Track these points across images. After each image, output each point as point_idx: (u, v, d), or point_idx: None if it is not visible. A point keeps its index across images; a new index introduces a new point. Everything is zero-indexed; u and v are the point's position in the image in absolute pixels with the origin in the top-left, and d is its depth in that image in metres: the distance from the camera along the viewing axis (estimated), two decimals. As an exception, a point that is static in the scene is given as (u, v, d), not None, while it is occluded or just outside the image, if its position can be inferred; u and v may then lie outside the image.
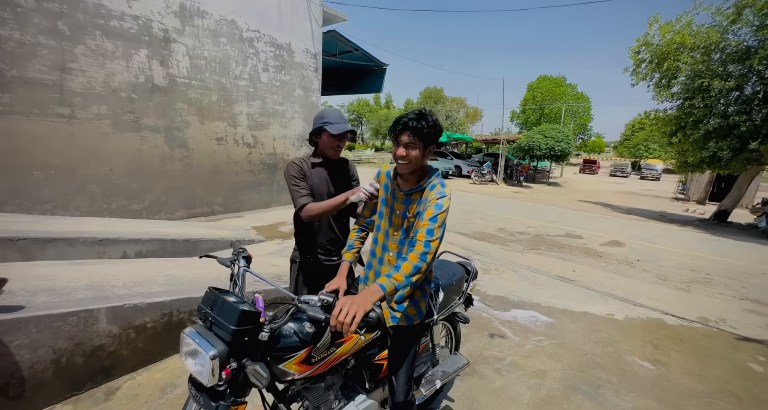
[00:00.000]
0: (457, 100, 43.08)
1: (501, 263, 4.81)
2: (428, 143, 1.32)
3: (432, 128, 1.31)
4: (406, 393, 1.44)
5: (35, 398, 1.78)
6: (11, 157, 3.57)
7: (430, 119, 1.31)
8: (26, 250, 2.65)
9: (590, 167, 32.15)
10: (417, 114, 1.32)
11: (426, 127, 1.29)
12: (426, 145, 1.32)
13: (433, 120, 1.32)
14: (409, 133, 1.30)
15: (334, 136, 1.74)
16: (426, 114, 1.32)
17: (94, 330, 1.95)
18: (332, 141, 1.77)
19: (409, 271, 1.21)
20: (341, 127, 1.74)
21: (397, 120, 1.33)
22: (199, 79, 5.25)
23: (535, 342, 2.84)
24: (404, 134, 1.30)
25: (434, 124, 1.31)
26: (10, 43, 3.45)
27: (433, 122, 1.31)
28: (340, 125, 1.74)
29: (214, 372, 0.98)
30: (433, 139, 1.33)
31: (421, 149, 1.32)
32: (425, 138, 1.30)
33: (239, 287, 1.35)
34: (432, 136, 1.31)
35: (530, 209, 9.99)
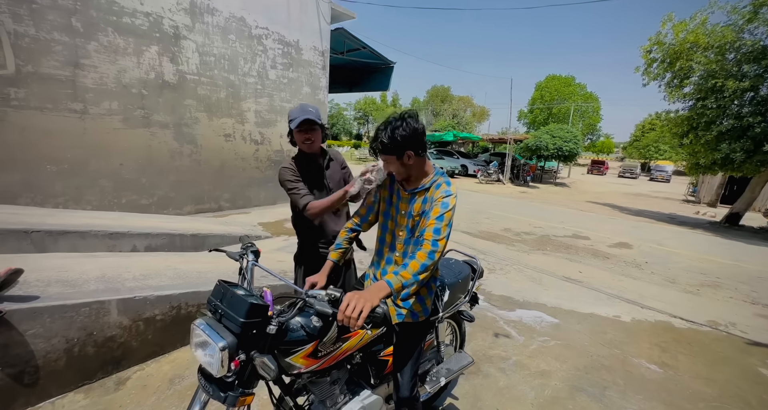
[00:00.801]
0: (464, 99, 42.83)
1: (506, 263, 4.79)
2: (401, 153, 1.28)
3: (392, 139, 1.25)
4: (411, 388, 1.45)
5: (49, 386, 1.83)
6: (26, 151, 3.65)
7: (386, 132, 1.27)
8: (40, 242, 2.71)
9: (598, 167, 31.77)
10: (377, 132, 1.31)
11: (386, 141, 1.26)
12: (400, 154, 1.28)
13: (392, 128, 1.26)
14: (381, 154, 1.31)
15: (299, 130, 1.75)
16: (384, 128, 1.28)
17: (106, 321, 1.99)
18: (300, 135, 1.77)
19: (416, 269, 1.22)
20: (298, 118, 1.70)
21: (374, 141, 1.33)
22: (208, 76, 5.29)
23: (540, 342, 2.83)
24: (380, 156, 1.34)
25: (392, 134, 1.25)
26: (26, 39, 3.51)
27: (391, 132, 1.25)
28: (298, 117, 1.70)
29: (223, 363, 1.00)
30: (403, 145, 1.26)
31: (398, 160, 1.30)
32: (393, 150, 1.27)
33: (248, 280, 1.37)
34: (398, 143, 1.26)
35: (537, 210, 9.92)
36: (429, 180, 1.37)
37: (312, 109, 1.75)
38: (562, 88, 36.56)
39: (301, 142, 1.80)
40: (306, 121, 1.71)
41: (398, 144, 1.25)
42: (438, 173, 1.41)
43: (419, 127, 1.29)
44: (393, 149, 1.27)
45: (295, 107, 1.77)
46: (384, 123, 1.30)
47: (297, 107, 1.76)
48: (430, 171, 1.40)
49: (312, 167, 1.90)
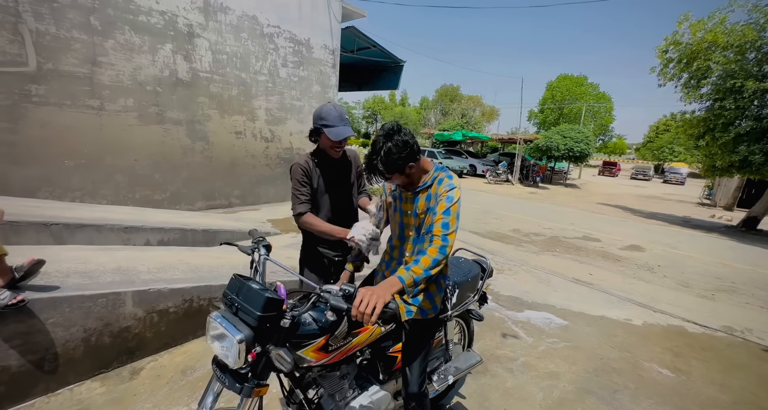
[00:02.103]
0: (473, 98, 42.49)
1: (515, 264, 4.75)
2: (402, 169, 1.27)
3: (390, 162, 1.23)
4: (420, 385, 1.46)
5: (67, 373, 1.88)
6: (45, 146, 3.75)
7: (380, 157, 1.23)
8: (58, 234, 2.78)
9: (610, 169, 31.23)
10: (370, 161, 1.26)
11: (384, 168, 1.24)
12: (402, 171, 1.27)
13: (386, 153, 1.22)
14: (382, 177, 1.29)
15: (335, 141, 1.65)
16: (377, 154, 1.23)
17: (121, 312, 2.04)
18: (332, 142, 1.67)
19: (428, 264, 1.22)
20: (341, 132, 1.60)
21: (370, 170, 1.29)
22: (221, 74, 5.36)
23: (548, 343, 2.80)
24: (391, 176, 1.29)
25: (387, 159, 1.22)
26: (47, 37, 3.61)
27: (386, 157, 1.22)
28: (340, 130, 1.60)
29: (240, 355, 1.01)
30: (403, 162, 1.25)
31: (402, 175, 1.30)
32: (396, 170, 1.26)
33: (260, 274, 1.39)
34: (398, 164, 1.24)
35: (546, 211, 9.81)
36: (430, 177, 1.37)
37: (347, 116, 1.66)
38: (573, 88, 36.01)
39: (332, 147, 1.71)
40: (337, 144, 1.66)
41: (398, 165, 1.24)
42: (437, 168, 1.41)
43: (408, 138, 1.26)
44: (395, 170, 1.25)
45: (327, 108, 1.63)
46: (373, 149, 1.25)
47: (330, 109, 1.62)
48: (429, 168, 1.40)
49: (332, 168, 1.83)
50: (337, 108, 1.64)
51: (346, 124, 1.64)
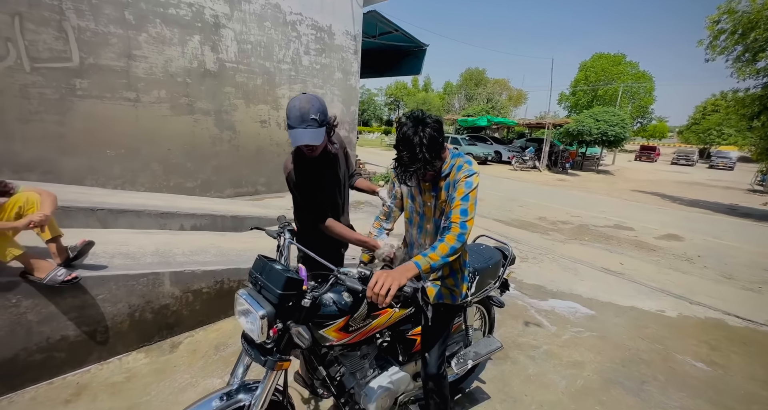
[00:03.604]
0: (499, 82, 40.78)
1: (540, 252, 4.63)
2: (439, 161, 1.26)
3: (433, 146, 1.19)
4: (439, 366, 1.48)
5: (116, 344, 2.08)
6: (89, 137, 4.02)
7: (425, 146, 1.17)
8: (103, 219, 3.02)
9: (648, 154, 29.17)
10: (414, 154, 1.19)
11: (428, 153, 1.19)
12: (441, 152, 1.26)
13: (430, 137, 1.18)
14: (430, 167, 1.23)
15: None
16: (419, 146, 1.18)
17: (160, 291, 2.21)
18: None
19: (445, 251, 1.23)
20: (296, 137, 1.36)
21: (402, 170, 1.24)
22: (245, 64, 5.46)
23: (573, 332, 2.75)
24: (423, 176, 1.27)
25: (431, 143, 1.18)
26: (87, 33, 3.81)
27: (430, 142, 1.18)
28: (296, 135, 1.36)
29: (263, 330, 1.08)
30: (438, 153, 1.23)
31: (435, 168, 1.28)
32: (439, 151, 1.23)
33: (284, 257, 1.45)
34: (440, 145, 1.22)
35: (575, 198, 9.40)
36: (448, 165, 1.35)
37: (313, 116, 1.36)
38: (610, 67, 33.64)
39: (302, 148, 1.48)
40: (306, 147, 1.43)
41: (442, 145, 1.23)
42: (454, 154, 1.38)
43: (436, 117, 1.24)
44: (440, 152, 1.24)
45: (291, 104, 1.38)
46: (411, 144, 1.18)
47: (292, 107, 1.36)
48: (446, 156, 1.37)
49: (322, 169, 1.64)
50: (301, 104, 1.36)
51: (307, 126, 1.35)
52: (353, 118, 7.71)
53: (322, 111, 1.40)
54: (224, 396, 1.14)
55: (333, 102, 7.09)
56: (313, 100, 1.38)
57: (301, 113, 1.35)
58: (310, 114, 1.35)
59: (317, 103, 1.39)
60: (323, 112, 1.41)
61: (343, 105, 7.30)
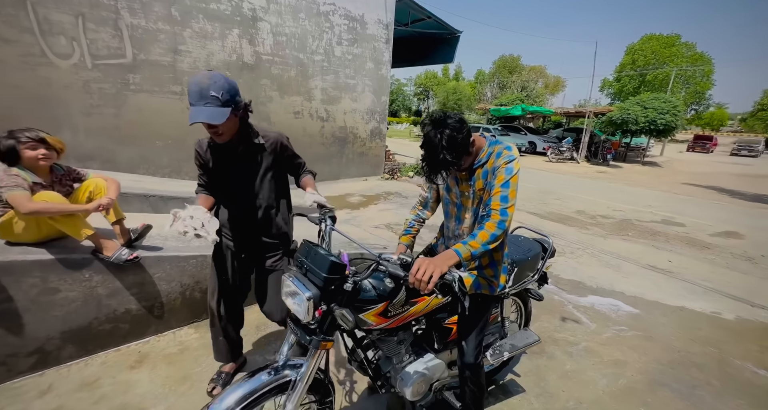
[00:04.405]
0: (535, 69, 38.77)
1: (578, 247, 4.43)
2: (467, 150, 1.23)
3: (454, 148, 1.17)
4: (476, 356, 1.48)
5: (170, 319, 2.26)
6: (142, 128, 4.32)
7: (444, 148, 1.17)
8: (155, 204, 3.26)
9: (703, 144, 26.61)
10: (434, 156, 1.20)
11: (451, 155, 1.18)
12: (467, 151, 1.24)
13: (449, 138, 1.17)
14: (455, 167, 1.23)
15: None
16: (439, 148, 1.18)
17: (207, 272, 2.36)
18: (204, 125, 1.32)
19: (485, 239, 1.21)
20: (193, 115, 1.26)
21: (433, 167, 1.24)
22: (280, 56, 5.58)
23: (615, 331, 2.62)
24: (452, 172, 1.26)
25: (450, 144, 1.17)
26: (139, 30, 4.06)
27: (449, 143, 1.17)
28: (193, 112, 1.26)
29: (309, 311, 1.12)
30: (465, 141, 1.21)
31: (468, 155, 1.26)
32: (462, 152, 1.21)
33: (326, 242, 1.49)
34: (461, 146, 1.19)
35: (618, 191, 8.84)
36: (485, 153, 1.32)
37: (213, 93, 1.24)
38: (661, 49, 30.82)
39: (207, 129, 1.37)
40: (205, 123, 1.30)
41: (465, 146, 1.20)
42: (492, 142, 1.34)
43: (459, 116, 1.23)
44: (463, 152, 1.22)
45: (192, 80, 1.27)
46: (431, 145, 1.19)
47: (192, 82, 1.26)
48: (482, 143, 1.34)
49: (235, 152, 1.51)
50: (200, 80, 1.25)
51: (206, 103, 1.25)
52: (384, 108, 7.67)
53: (227, 90, 1.28)
54: (272, 370, 1.21)
55: (364, 92, 7.09)
56: (216, 77, 1.27)
57: (199, 89, 1.24)
58: (210, 91, 1.24)
59: (221, 80, 1.28)
60: (228, 91, 1.29)
61: (373, 95, 7.29)
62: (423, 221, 1.70)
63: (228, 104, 1.30)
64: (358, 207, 5.53)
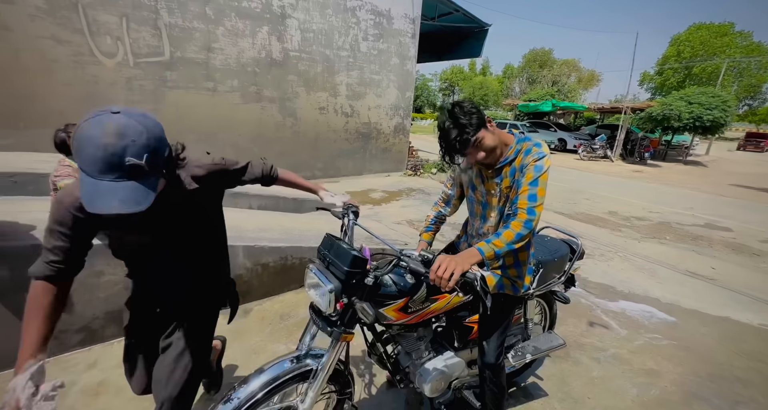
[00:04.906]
0: (568, 62, 37.04)
1: (609, 250, 4.22)
2: (483, 125, 1.21)
3: (469, 117, 1.18)
4: (497, 356, 1.46)
5: (200, 305, 2.38)
6: (177, 123, 4.55)
7: (460, 120, 1.18)
8: (188, 196, 3.42)
9: (756, 142, 24.36)
10: (451, 128, 1.20)
11: (467, 123, 1.17)
12: (484, 126, 1.22)
13: (461, 113, 1.19)
14: (468, 147, 1.21)
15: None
16: (455, 118, 1.19)
17: (236, 261, 2.46)
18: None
19: (511, 238, 1.18)
20: (97, 199, 0.73)
21: (446, 146, 1.24)
22: (308, 52, 5.66)
23: (647, 338, 2.48)
24: (466, 150, 1.22)
25: (465, 116, 1.18)
26: (176, 29, 4.26)
27: (464, 115, 1.18)
28: (99, 193, 0.73)
29: (330, 303, 1.15)
30: (480, 118, 1.20)
31: (487, 131, 1.22)
32: (477, 128, 1.19)
33: (348, 236, 1.51)
34: (477, 121, 1.19)
35: (655, 192, 8.31)
36: (513, 150, 1.28)
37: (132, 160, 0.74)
38: (711, 40, 28.49)
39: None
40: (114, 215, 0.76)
41: (476, 116, 1.19)
42: (521, 139, 1.30)
43: (473, 102, 1.25)
44: (478, 122, 1.20)
45: (91, 132, 0.72)
46: (445, 122, 1.21)
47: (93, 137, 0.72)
48: (510, 140, 1.30)
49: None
50: (105, 139, 0.72)
51: (119, 177, 0.74)
52: (408, 104, 7.62)
53: (152, 146, 0.77)
54: (294, 359, 1.24)
55: (389, 88, 7.07)
56: (130, 129, 0.74)
57: (106, 154, 0.72)
58: (125, 155, 0.73)
59: (140, 132, 0.75)
60: (154, 147, 0.78)
61: (398, 91, 7.25)
62: (444, 218, 1.68)
63: (156, 170, 0.81)
64: (380, 203, 5.55)
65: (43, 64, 3.55)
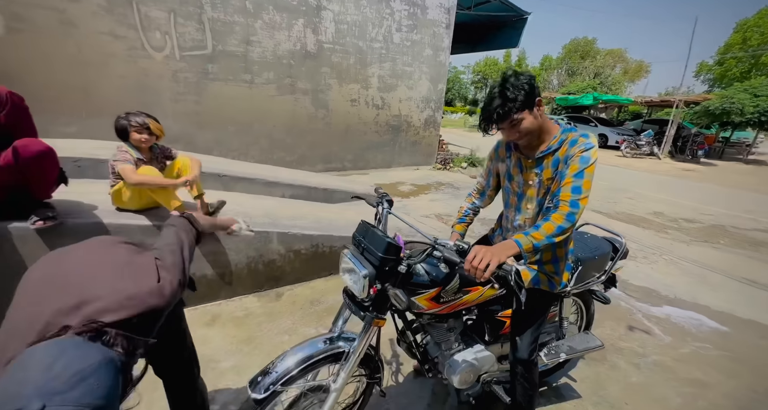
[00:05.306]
0: (613, 52, 34.61)
1: (653, 252, 3.95)
2: (532, 104, 1.15)
3: (520, 87, 1.12)
4: (530, 353, 1.42)
5: (237, 287, 2.51)
6: (217, 114, 4.76)
7: (509, 85, 1.12)
8: (227, 183, 3.59)
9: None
10: (496, 96, 1.15)
11: (515, 94, 1.12)
12: (532, 105, 1.15)
13: (513, 82, 1.13)
14: (504, 122, 1.16)
15: None
16: (503, 85, 1.14)
17: (270, 247, 2.56)
18: None
19: (551, 231, 1.13)
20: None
21: (485, 113, 1.19)
22: (341, 44, 5.69)
23: (695, 347, 2.31)
24: (501, 124, 1.18)
25: (517, 83, 1.13)
26: (218, 23, 4.44)
27: (515, 83, 1.13)
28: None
29: (364, 288, 1.16)
30: (529, 99, 1.14)
31: (531, 114, 1.16)
32: (525, 102, 1.13)
33: (382, 224, 1.52)
34: (529, 92, 1.13)
35: (707, 193, 7.65)
36: (556, 140, 1.22)
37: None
38: (785, 24, 25.37)
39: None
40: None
41: (527, 92, 1.13)
42: (566, 129, 1.24)
43: (524, 77, 1.16)
44: (525, 101, 1.13)
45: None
46: (495, 87, 1.17)
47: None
48: (555, 130, 1.24)
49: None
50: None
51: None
52: (440, 96, 7.49)
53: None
54: (327, 340, 1.28)
55: (421, 79, 6.97)
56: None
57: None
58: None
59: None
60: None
61: (430, 83, 7.13)
62: (478, 210, 1.64)
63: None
64: (408, 196, 5.53)
65: (101, 57, 3.84)
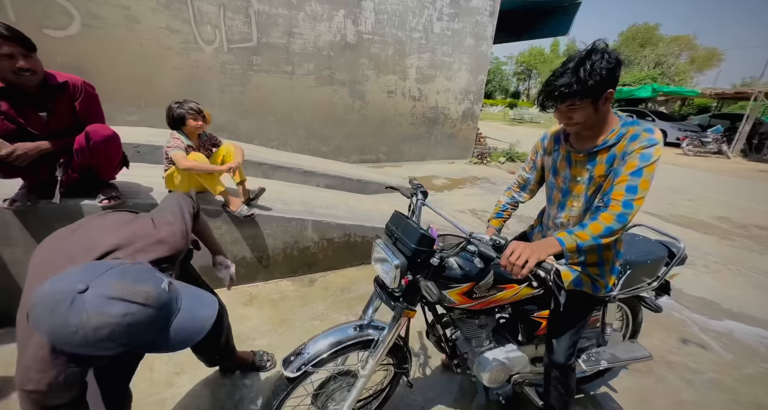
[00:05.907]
0: (679, 39, 31.16)
1: (715, 260, 3.57)
2: (599, 94, 1.01)
3: (593, 73, 0.98)
4: (568, 357, 1.35)
5: (273, 270, 2.63)
6: (260, 105, 4.96)
7: (582, 67, 0.98)
8: (266, 171, 3.74)
9: None
10: (560, 73, 1.02)
11: (585, 77, 0.98)
12: (598, 96, 1.02)
13: (591, 63, 0.98)
14: (563, 103, 1.04)
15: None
16: (577, 64, 1.00)
17: (305, 234, 2.64)
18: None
19: (598, 232, 1.04)
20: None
21: (547, 86, 1.06)
22: (380, 34, 5.64)
23: (763, 368, 2.07)
24: (561, 104, 1.05)
25: (593, 68, 0.98)
26: (263, 15, 4.58)
27: (591, 66, 0.98)
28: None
29: (396, 278, 1.16)
30: (606, 81, 1.00)
31: (593, 105, 1.03)
32: (593, 89, 1.00)
33: (416, 216, 1.50)
34: (601, 80, 0.98)
35: (788, 198, 6.72)
36: (614, 134, 1.10)
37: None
38: None
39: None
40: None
41: (601, 81, 0.99)
42: (627, 122, 1.11)
43: (621, 58, 1.03)
44: (594, 88, 1.00)
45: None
46: (572, 61, 1.03)
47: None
48: (614, 122, 1.12)
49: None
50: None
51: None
52: (479, 88, 7.21)
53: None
54: (358, 327, 1.30)
55: (460, 70, 6.75)
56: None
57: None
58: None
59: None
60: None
61: (470, 74, 6.88)
62: (518, 204, 1.55)
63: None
64: (442, 190, 5.43)
65: (159, 51, 4.12)
